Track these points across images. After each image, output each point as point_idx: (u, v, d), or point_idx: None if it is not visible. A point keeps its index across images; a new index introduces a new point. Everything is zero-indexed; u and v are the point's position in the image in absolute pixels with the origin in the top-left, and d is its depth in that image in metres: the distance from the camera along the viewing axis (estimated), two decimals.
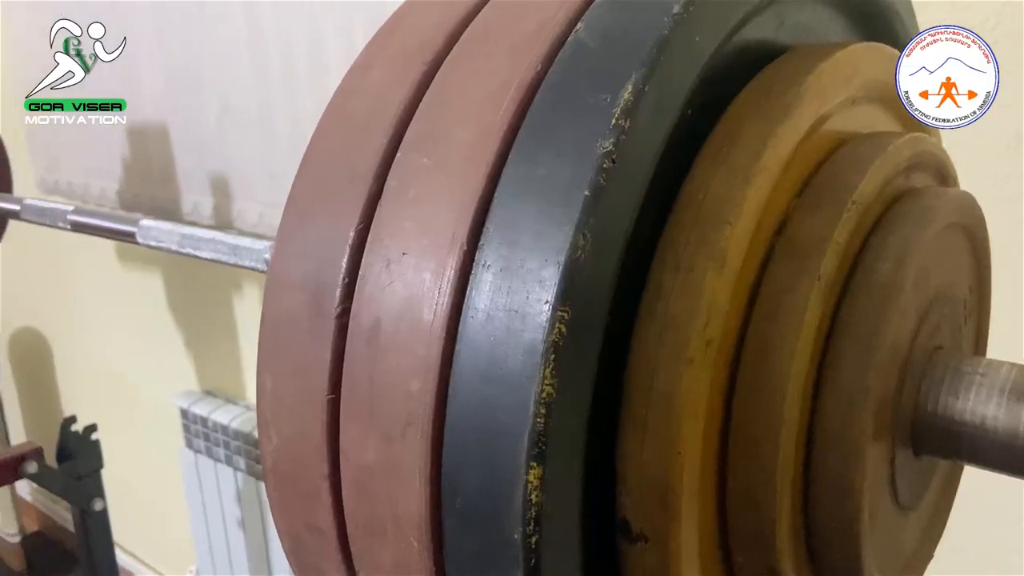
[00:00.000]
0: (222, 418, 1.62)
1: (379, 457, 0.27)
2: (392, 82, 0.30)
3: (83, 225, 0.78)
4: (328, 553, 0.30)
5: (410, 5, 0.33)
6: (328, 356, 0.28)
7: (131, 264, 1.86)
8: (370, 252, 0.28)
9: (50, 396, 2.30)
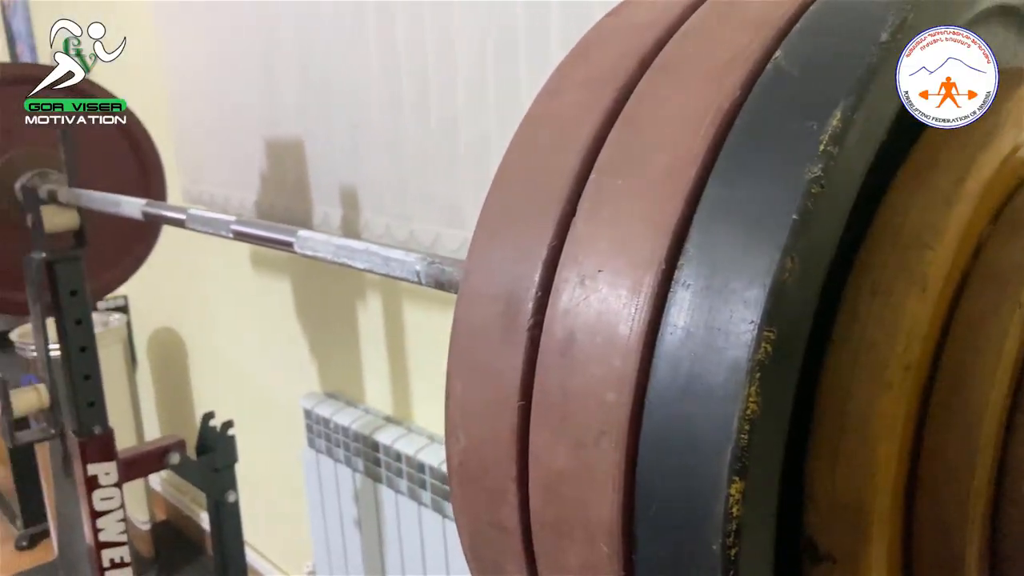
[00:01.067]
0: (343, 420, 1.69)
1: (570, 462, 0.28)
2: (583, 108, 0.32)
3: (244, 234, 0.84)
4: (511, 550, 0.32)
5: (596, 35, 0.34)
6: (520, 365, 0.30)
7: (262, 271, 1.97)
8: (564, 268, 0.29)
9: (183, 393, 2.46)
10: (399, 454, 1.55)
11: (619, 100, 0.31)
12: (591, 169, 0.30)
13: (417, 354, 1.59)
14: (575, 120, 0.32)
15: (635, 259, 0.27)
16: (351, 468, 1.68)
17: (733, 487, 0.24)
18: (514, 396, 0.30)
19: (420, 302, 1.54)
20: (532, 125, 0.34)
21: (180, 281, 2.33)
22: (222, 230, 0.87)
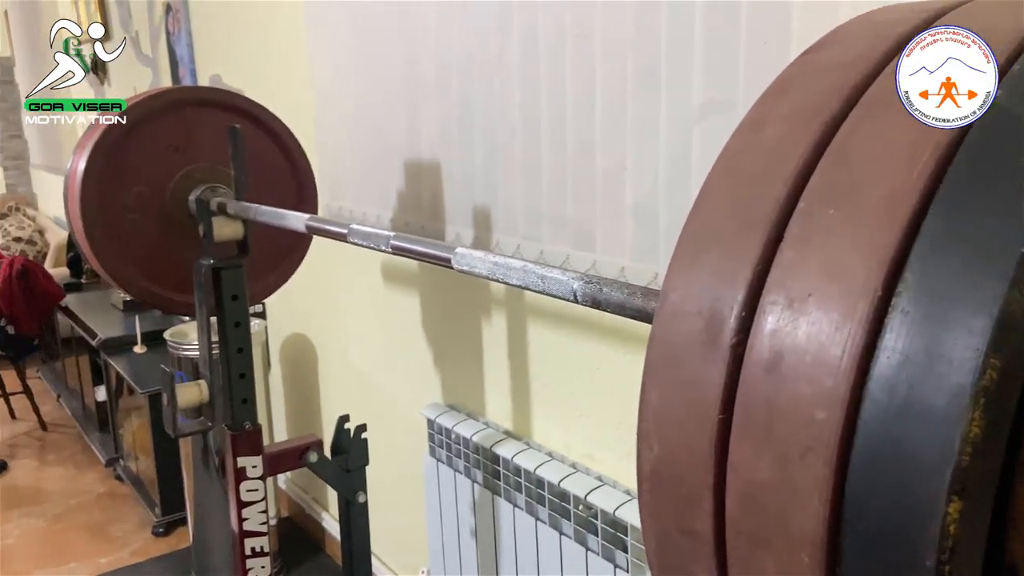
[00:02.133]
0: (464, 431, 1.74)
1: (773, 475, 0.30)
2: (788, 140, 0.33)
3: (403, 249, 0.90)
4: (701, 556, 0.33)
5: (797, 71, 0.36)
6: (721, 380, 0.32)
7: (393, 284, 2.06)
8: (771, 291, 0.31)
9: (311, 396, 2.59)
10: (519, 468, 1.58)
11: (826, 133, 0.32)
12: (798, 198, 0.32)
13: (540, 372, 1.62)
14: (781, 151, 0.33)
15: (849, 285, 0.29)
16: (470, 479, 1.73)
17: (951, 506, 0.25)
18: (714, 409, 0.32)
19: (546, 321, 1.57)
20: (735, 154, 0.36)
21: (313, 290, 2.46)
22: (382, 244, 0.93)
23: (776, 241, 0.32)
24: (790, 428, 0.30)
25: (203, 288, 1.33)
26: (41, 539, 2.78)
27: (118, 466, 3.19)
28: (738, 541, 0.32)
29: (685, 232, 0.36)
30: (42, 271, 3.78)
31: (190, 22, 2.96)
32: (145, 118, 1.36)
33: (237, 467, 1.38)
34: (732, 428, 0.32)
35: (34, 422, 3.81)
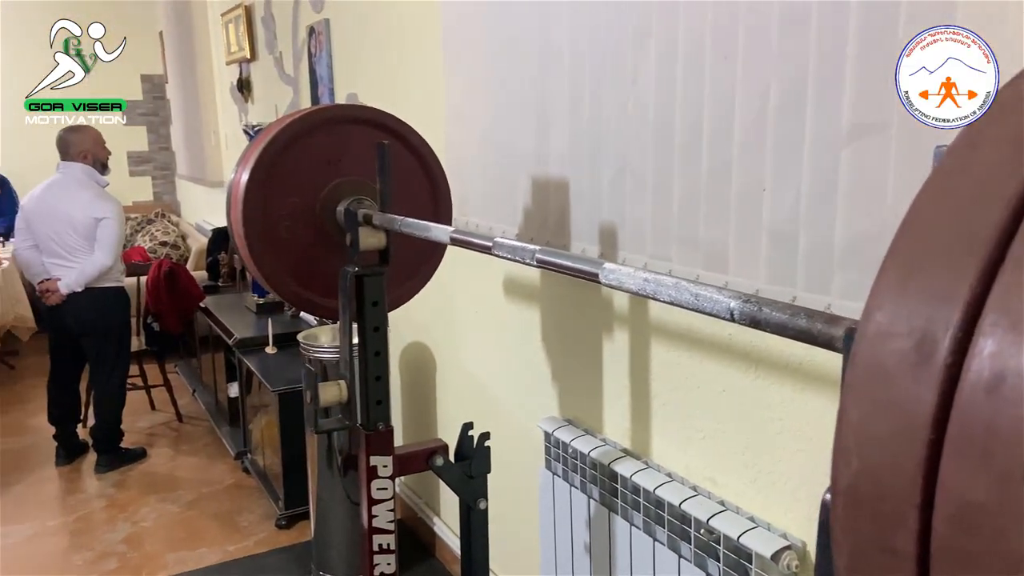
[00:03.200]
0: (582, 446, 1.75)
1: (990, 496, 0.30)
2: (1008, 163, 0.34)
3: (548, 263, 0.93)
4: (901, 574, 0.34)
5: (1012, 95, 0.36)
6: (933, 399, 0.33)
7: (514, 298, 2.11)
8: (991, 312, 0.31)
9: (428, 403, 2.67)
10: (637, 487, 1.58)
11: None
12: (1020, 222, 0.32)
13: (660, 391, 1.62)
14: (999, 175, 0.34)
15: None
16: (586, 494, 1.74)
17: None
18: (925, 428, 0.33)
19: (670, 339, 1.57)
20: (948, 176, 0.36)
21: (434, 301, 2.54)
22: (527, 258, 0.97)
23: (996, 263, 0.32)
24: (1011, 449, 0.30)
25: (347, 294, 1.41)
26: (175, 523, 2.99)
27: (246, 459, 3.38)
28: (945, 561, 0.32)
29: (893, 253, 0.36)
30: (186, 273, 4.08)
31: (331, 44, 3.14)
32: (302, 133, 1.46)
33: (369, 465, 1.45)
34: (944, 448, 0.32)
35: (171, 414, 4.10)
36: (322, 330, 2.63)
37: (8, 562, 2.73)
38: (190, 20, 5.46)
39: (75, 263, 3.33)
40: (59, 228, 3.32)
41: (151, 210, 6.74)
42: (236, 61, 4.56)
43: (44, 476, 3.44)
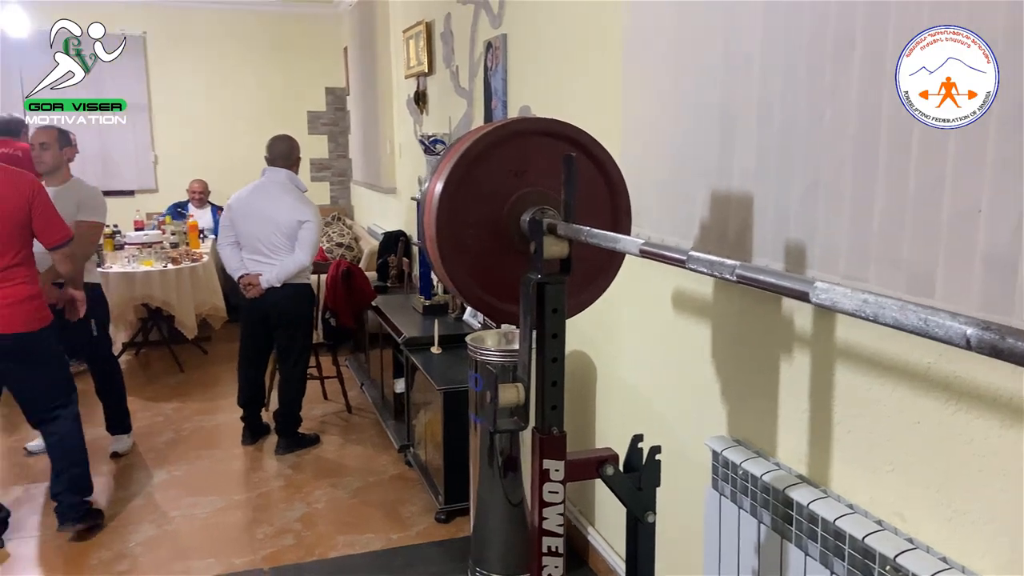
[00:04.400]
0: (754, 469, 1.70)
1: None
2: None
3: (751, 279, 0.92)
4: None
5: None
6: None
7: (684, 312, 2.09)
8: None
9: (587, 413, 2.69)
10: (814, 516, 1.51)
11: None
12: None
13: (844, 417, 1.54)
14: None
15: None
16: (756, 518, 1.69)
17: None
18: None
19: (857, 363, 1.50)
20: None
21: (599, 312, 2.55)
22: (726, 273, 0.96)
23: None
24: None
25: (528, 300, 1.46)
26: (343, 508, 3.19)
27: (409, 453, 3.55)
28: None
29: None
30: (361, 273, 4.35)
31: (507, 58, 3.24)
32: (492, 146, 1.52)
33: (542, 468, 1.48)
34: None
35: (342, 404, 4.38)
36: (488, 334, 2.72)
37: (201, 529, 3.02)
38: (373, 37, 5.83)
39: (275, 260, 3.64)
40: (264, 228, 3.64)
41: (328, 213, 7.24)
42: (414, 75, 4.81)
43: (231, 453, 3.78)
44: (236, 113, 7.31)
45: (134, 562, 2.76)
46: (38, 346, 2.77)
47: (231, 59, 7.43)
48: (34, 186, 2.77)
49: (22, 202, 2.69)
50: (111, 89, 7.12)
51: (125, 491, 3.33)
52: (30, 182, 2.77)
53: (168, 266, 4.95)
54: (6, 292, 2.67)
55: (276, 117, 7.54)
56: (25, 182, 2.75)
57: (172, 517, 3.10)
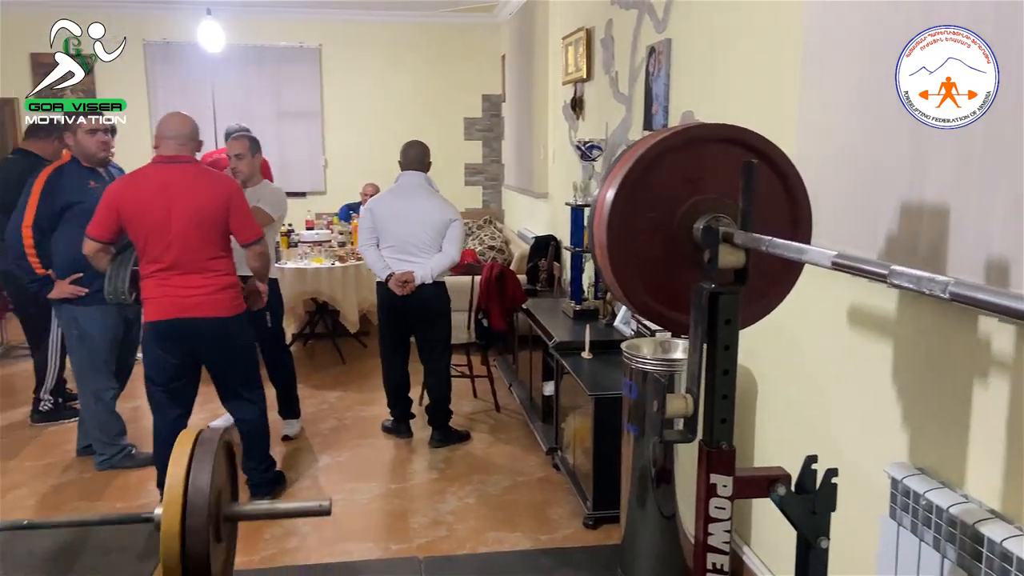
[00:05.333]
0: (939, 500, 1.58)
1: None
2: None
3: (968, 298, 0.85)
4: None
5: None
6: None
7: (862, 328, 1.97)
8: None
9: (745, 427, 2.60)
10: (1008, 555, 1.39)
11: None
12: None
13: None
14: None
15: None
16: (940, 553, 1.57)
17: None
18: None
19: None
20: None
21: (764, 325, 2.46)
22: (936, 290, 0.90)
23: None
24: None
25: (700, 310, 1.43)
26: (493, 505, 3.26)
27: (556, 455, 3.58)
28: None
29: None
30: (513, 276, 4.44)
31: (670, 63, 3.20)
32: (669, 150, 1.51)
33: (709, 483, 1.45)
34: None
35: (491, 403, 4.48)
36: (643, 341, 2.69)
37: (361, 514, 3.19)
38: (532, 44, 5.93)
39: (423, 259, 3.80)
40: (415, 229, 3.80)
41: (480, 217, 7.44)
42: (572, 81, 4.85)
43: (387, 443, 3.97)
44: (398, 119, 7.67)
45: (302, 540, 2.96)
46: (235, 330, 3.08)
47: (395, 68, 7.81)
48: (232, 188, 3.06)
49: (222, 203, 2.99)
50: (290, 99, 7.70)
51: (294, 472, 3.58)
52: (229, 185, 3.07)
53: (335, 264, 5.27)
54: (209, 281, 2.98)
55: (434, 123, 7.85)
56: (224, 185, 3.05)
57: (335, 500, 3.29)
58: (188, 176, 2.98)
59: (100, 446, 3.57)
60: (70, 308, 3.41)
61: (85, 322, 3.43)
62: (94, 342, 3.47)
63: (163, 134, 3.02)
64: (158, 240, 2.92)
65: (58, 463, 3.58)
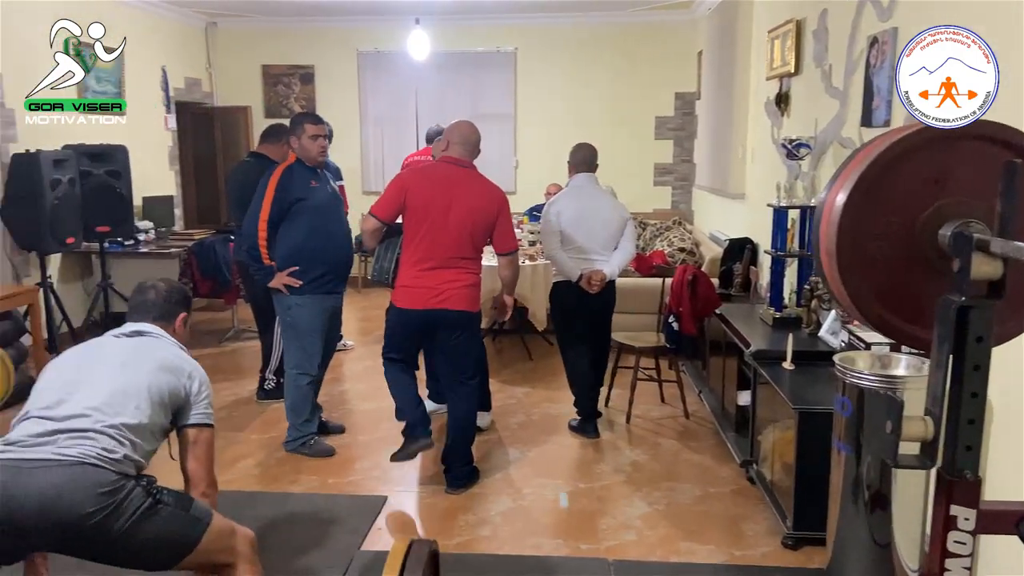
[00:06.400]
0: None
1: None
2: None
3: None
4: None
5: None
6: None
7: None
8: None
9: None
10: None
11: None
12: None
13: None
14: None
15: None
16: None
17: None
18: None
19: None
20: None
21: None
22: None
23: None
24: None
25: (946, 325, 1.30)
26: (684, 514, 3.18)
27: (751, 468, 3.42)
28: None
29: None
30: (707, 280, 4.30)
31: (895, 53, 2.95)
32: (911, 149, 1.38)
33: (948, 515, 1.31)
34: None
35: (678, 409, 4.38)
36: (858, 355, 2.50)
37: (551, 511, 3.23)
38: (733, 39, 5.72)
39: (604, 257, 3.92)
40: (600, 228, 3.93)
41: (668, 217, 7.30)
42: (777, 76, 4.62)
43: (573, 442, 4.00)
44: (586, 120, 7.71)
45: (495, 530, 3.05)
46: (474, 324, 3.39)
47: (587, 69, 7.86)
48: (502, 200, 3.35)
49: (495, 210, 3.29)
50: (485, 102, 7.98)
51: (486, 464, 3.70)
52: (501, 195, 3.36)
53: (525, 262, 5.38)
54: (460, 277, 3.26)
55: (624, 122, 7.81)
56: (499, 194, 3.34)
57: (525, 494, 3.37)
58: (469, 179, 3.30)
59: (290, 429, 3.85)
60: (285, 297, 3.73)
61: (296, 311, 3.72)
62: (300, 330, 3.75)
63: (452, 139, 3.34)
64: (430, 230, 3.22)
65: (279, 438, 3.94)
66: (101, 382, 1.94)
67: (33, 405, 1.91)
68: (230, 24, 8.04)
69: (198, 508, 1.93)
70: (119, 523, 1.76)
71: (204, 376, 2.12)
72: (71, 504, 1.72)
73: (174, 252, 5.95)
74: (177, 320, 2.25)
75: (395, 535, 2.01)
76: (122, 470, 1.80)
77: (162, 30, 7.22)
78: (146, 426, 1.93)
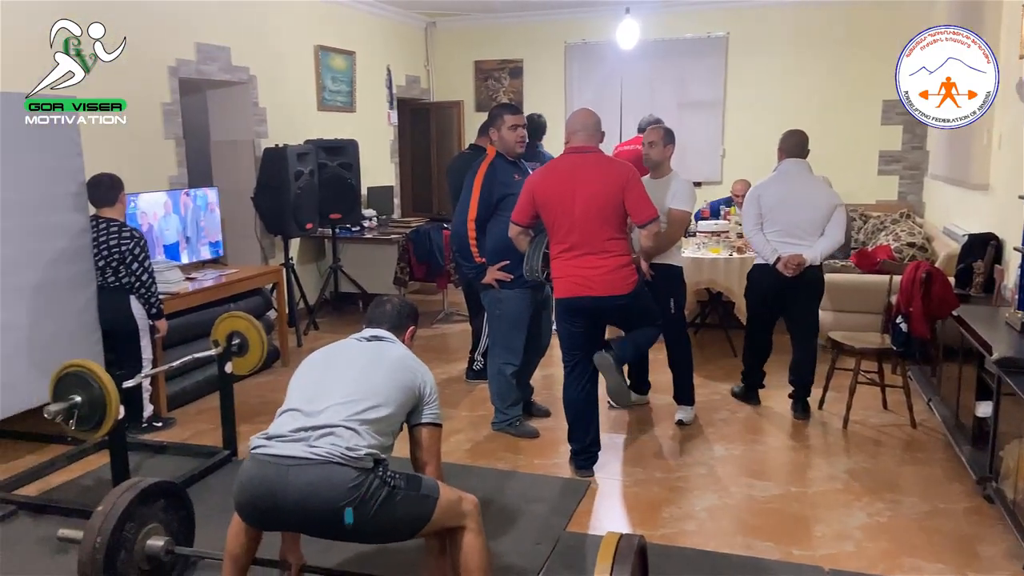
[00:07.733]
0: None
1: None
2: None
3: None
4: None
5: None
6: None
7: None
8: None
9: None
10: None
11: None
12: None
13: None
14: None
15: None
16: None
17: None
18: None
19: None
20: None
21: None
22: None
23: None
24: None
25: None
26: (908, 528, 2.95)
27: (990, 486, 3.10)
28: None
29: None
30: (942, 279, 3.93)
31: None
32: None
33: None
34: None
35: (903, 417, 4.06)
36: None
37: (760, 512, 3.13)
38: (979, 14, 5.15)
39: (808, 242, 3.92)
40: (806, 214, 3.93)
41: (895, 209, 6.72)
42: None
43: (780, 443, 3.84)
44: (800, 107, 7.28)
45: (700, 525, 3.01)
46: (635, 303, 3.36)
47: (805, 52, 7.41)
48: (627, 173, 3.28)
49: (616, 188, 3.24)
50: (692, 90, 7.80)
51: (689, 457, 3.66)
52: (623, 170, 3.30)
53: (733, 255, 5.22)
54: (606, 261, 3.26)
55: (844, 109, 7.29)
56: (617, 170, 3.29)
57: (732, 492, 3.29)
58: (591, 164, 3.31)
59: (497, 412, 4.03)
60: (495, 291, 3.86)
61: (504, 303, 3.86)
62: (506, 321, 3.89)
63: (573, 128, 3.38)
64: (563, 223, 3.27)
65: (487, 416, 4.14)
66: (347, 380, 2.15)
67: (290, 401, 2.16)
68: (448, 23, 8.49)
69: (427, 486, 2.11)
70: (364, 512, 1.97)
71: (433, 381, 2.31)
72: (326, 499, 1.94)
73: (394, 238, 6.42)
74: (407, 332, 2.47)
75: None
76: (362, 465, 1.99)
77: (388, 32, 7.78)
78: (386, 420, 2.12)
